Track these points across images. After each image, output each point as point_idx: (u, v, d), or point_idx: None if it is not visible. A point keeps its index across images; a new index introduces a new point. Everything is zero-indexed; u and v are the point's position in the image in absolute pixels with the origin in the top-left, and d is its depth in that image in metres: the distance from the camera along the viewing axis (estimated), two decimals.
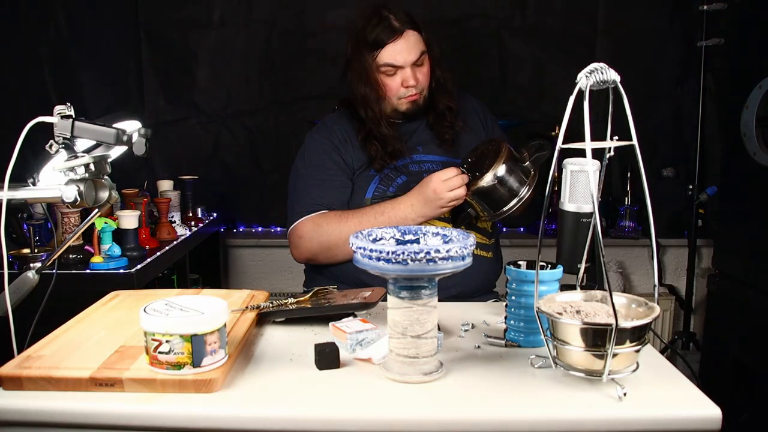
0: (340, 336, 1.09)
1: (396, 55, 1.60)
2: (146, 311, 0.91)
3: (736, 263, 2.14)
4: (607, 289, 0.85)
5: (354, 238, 0.93)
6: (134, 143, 1.05)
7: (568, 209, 1.04)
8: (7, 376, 0.90)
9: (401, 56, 1.61)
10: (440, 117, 1.71)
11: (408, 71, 1.62)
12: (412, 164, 1.68)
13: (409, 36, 1.61)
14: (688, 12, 2.56)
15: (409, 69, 1.62)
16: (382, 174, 1.65)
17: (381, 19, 1.61)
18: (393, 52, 1.60)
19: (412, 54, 1.61)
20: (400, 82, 1.63)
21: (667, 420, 0.85)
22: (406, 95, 1.65)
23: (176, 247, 2.08)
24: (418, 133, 1.73)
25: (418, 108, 1.69)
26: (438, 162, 1.70)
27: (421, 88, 1.66)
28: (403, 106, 1.68)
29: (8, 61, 2.11)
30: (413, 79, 1.62)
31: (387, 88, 1.65)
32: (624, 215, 2.74)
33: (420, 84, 1.65)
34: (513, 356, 1.05)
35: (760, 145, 1.98)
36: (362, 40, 1.63)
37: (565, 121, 0.88)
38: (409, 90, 1.64)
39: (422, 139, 1.73)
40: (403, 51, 1.60)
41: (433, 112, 1.72)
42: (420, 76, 1.64)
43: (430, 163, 1.69)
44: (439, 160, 1.70)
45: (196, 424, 0.87)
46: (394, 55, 1.60)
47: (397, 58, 1.61)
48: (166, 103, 2.75)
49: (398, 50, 1.60)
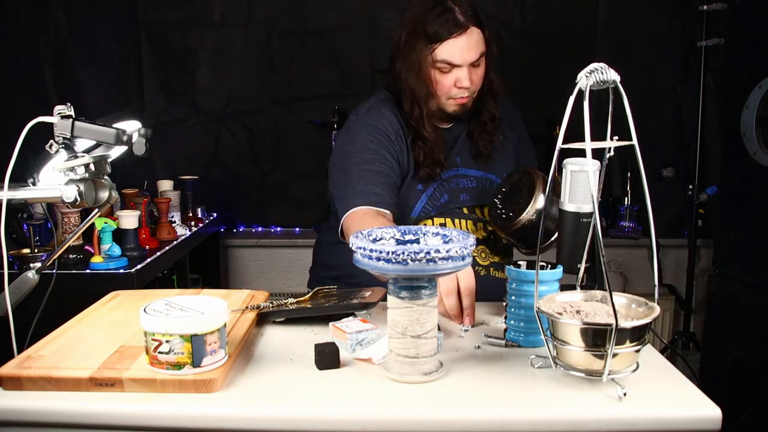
0: (340, 336, 1.09)
1: (456, 53, 1.46)
2: (146, 311, 0.91)
3: (736, 263, 2.14)
4: (607, 289, 0.85)
5: (354, 238, 0.93)
6: (134, 143, 1.05)
7: (568, 209, 1.04)
8: (7, 376, 0.90)
9: (461, 54, 1.46)
10: (482, 126, 1.59)
11: (464, 71, 1.47)
12: (451, 181, 1.58)
13: (473, 33, 1.46)
14: (688, 12, 2.56)
15: (465, 69, 1.47)
16: (428, 190, 1.55)
17: (445, 11, 1.45)
18: (453, 48, 1.45)
19: (472, 53, 1.47)
20: (453, 82, 1.49)
21: (667, 420, 0.85)
22: (457, 96, 1.51)
23: (176, 247, 2.08)
24: (459, 140, 1.61)
25: (466, 111, 1.56)
26: (473, 178, 1.60)
27: (473, 90, 1.52)
28: (451, 107, 1.53)
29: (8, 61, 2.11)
30: (468, 80, 1.48)
31: (439, 86, 1.50)
32: (624, 215, 2.74)
33: (474, 86, 1.51)
34: (513, 356, 1.05)
35: (760, 145, 1.98)
36: (421, 29, 1.47)
37: (565, 121, 0.88)
38: (462, 91, 1.50)
39: (461, 148, 1.61)
40: (464, 49, 1.46)
41: (474, 120, 1.60)
42: (475, 78, 1.50)
43: (467, 179, 1.59)
44: (474, 176, 1.60)
45: (196, 424, 0.87)
46: (454, 52, 1.46)
47: (456, 55, 1.46)
48: (166, 103, 2.75)
49: (459, 47, 1.45)
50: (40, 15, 2.26)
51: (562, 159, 1.01)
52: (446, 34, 1.45)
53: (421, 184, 1.54)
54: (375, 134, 1.53)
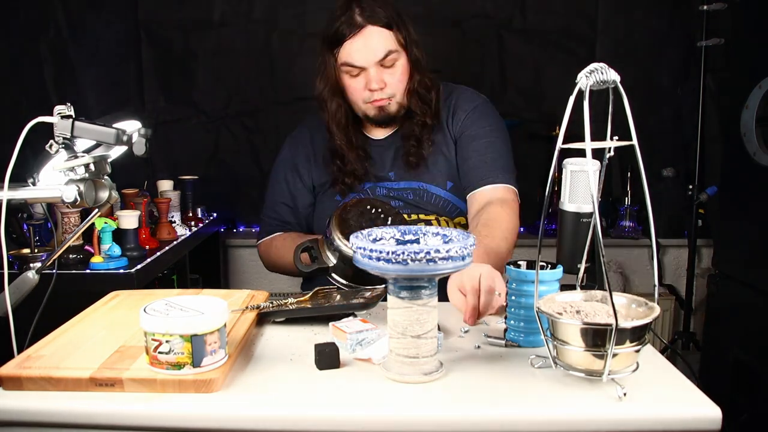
0: (340, 336, 1.09)
1: (354, 53, 1.43)
2: (146, 311, 0.91)
3: (736, 263, 2.14)
4: (607, 289, 0.85)
5: (354, 238, 0.93)
6: (134, 143, 1.05)
7: (568, 209, 1.04)
8: (7, 376, 0.90)
9: (360, 55, 1.42)
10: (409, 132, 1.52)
11: (372, 72, 1.44)
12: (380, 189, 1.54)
13: (373, 32, 1.42)
14: (688, 12, 2.56)
15: (373, 69, 1.44)
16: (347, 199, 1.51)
17: (343, 12, 1.43)
18: (351, 48, 1.43)
19: (374, 52, 1.42)
20: (364, 84, 1.46)
21: (667, 420, 0.85)
22: (371, 99, 1.47)
23: (176, 247, 2.08)
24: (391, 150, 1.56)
25: (389, 115, 1.51)
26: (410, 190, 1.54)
27: (390, 93, 1.47)
28: (371, 112, 1.50)
29: (8, 61, 2.11)
30: (377, 81, 1.44)
31: (350, 90, 1.48)
32: (624, 215, 2.73)
33: (388, 88, 1.46)
34: (513, 356, 1.05)
35: (760, 145, 1.98)
36: (326, 37, 1.48)
37: (565, 121, 0.88)
38: (374, 94, 1.46)
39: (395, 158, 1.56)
40: (362, 48, 1.42)
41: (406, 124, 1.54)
42: (388, 79, 1.45)
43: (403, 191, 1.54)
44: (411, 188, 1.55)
45: (196, 424, 0.87)
46: (352, 52, 1.43)
47: (356, 56, 1.43)
48: (166, 103, 2.75)
49: (357, 47, 1.42)
50: (40, 15, 2.27)
51: (562, 159, 1.01)
52: (344, 35, 1.43)
53: (339, 194, 1.55)
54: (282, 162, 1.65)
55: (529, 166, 1.90)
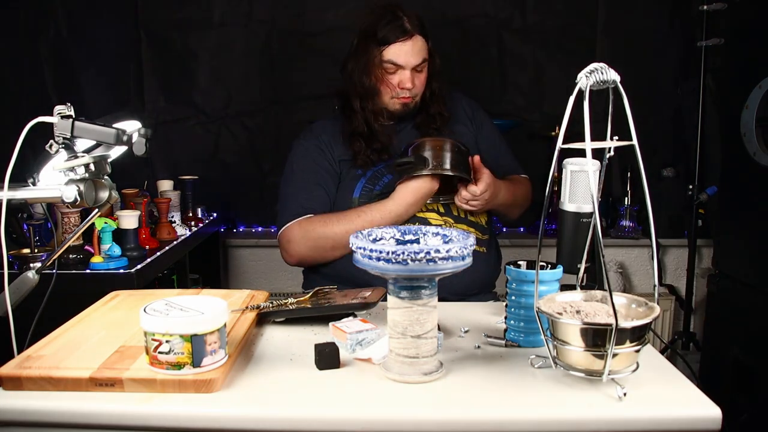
0: (340, 336, 1.09)
1: (401, 55, 1.66)
2: (146, 311, 0.91)
3: (736, 263, 2.14)
4: (607, 289, 0.85)
5: (354, 238, 0.93)
6: (134, 143, 1.05)
7: (568, 209, 1.04)
8: (7, 376, 0.90)
9: (405, 57, 1.66)
10: (430, 119, 1.76)
11: (407, 73, 1.67)
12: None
13: (417, 40, 1.67)
14: (688, 12, 2.56)
15: (409, 71, 1.67)
16: (368, 173, 1.69)
17: (395, 18, 1.66)
18: (399, 51, 1.66)
19: (415, 57, 1.67)
20: (397, 82, 1.68)
21: (667, 420, 0.85)
22: (400, 96, 1.70)
23: (176, 247, 2.08)
24: (405, 133, 1.77)
25: (407, 111, 1.75)
26: None
27: (415, 93, 1.72)
28: (394, 106, 1.72)
29: (8, 61, 2.11)
30: (410, 82, 1.68)
31: (384, 84, 1.69)
32: (624, 215, 2.73)
33: (415, 89, 1.70)
34: (513, 356, 1.05)
35: (760, 145, 1.97)
36: (372, 34, 1.68)
37: (565, 121, 0.88)
38: (404, 92, 1.69)
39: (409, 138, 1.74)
40: (408, 53, 1.66)
41: (423, 115, 1.77)
42: (417, 82, 1.70)
43: None
44: None
45: (196, 424, 0.87)
46: (400, 54, 1.66)
47: (401, 58, 1.66)
48: (166, 103, 2.75)
49: (404, 51, 1.66)
50: (40, 15, 2.27)
51: (562, 159, 1.01)
52: (393, 38, 1.65)
53: (360, 169, 1.70)
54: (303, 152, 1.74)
55: (529, 166, 1.89)
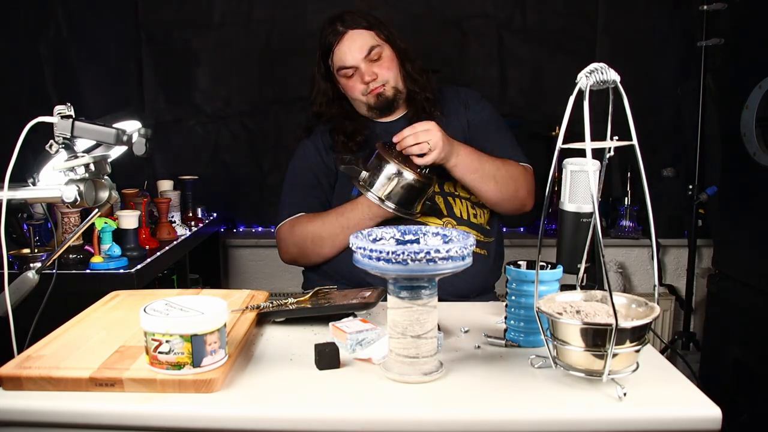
0: (340, 336, 1.09)
1: (343, 56, 1.65)
2: (146, 311, 0.91)
3: (736, 263, 2.14)
4: (607, 289, 0.85)
5: (354, 238, 0.93)
6: (134, 143, 1.05)
7: (568, 209, 1.04)
8: (7, 376, 0.90)
9: (348, 55, 1.64)
10: (419, 109, 1.72)
11: (363, 67, 1.64)
12: None
13: (354, 34, 1.64)
14: (688, 12, 2.56)
15: (363, 65, 1.64)
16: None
17: (328, 26, 1.67)
18: (340, 53, 1.65)
19: (359, 51, 1.63)
20: (360, 80, 1.65)
21: (667, 420, 0.85)
22: (368, 91, 1.66)
23: (176, 247, 2.08)
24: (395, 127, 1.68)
25: (389, 100, 1.69)
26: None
27: (383, 80, 1.66)
28: (371, 101, 1.68)
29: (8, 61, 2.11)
30: (368, 74, 1.64)
31: (350, 89, 1.68)
32: (624, 215, 2.73)
33: (381, 77, 1.65)
34: (513, 356, 1.05)
35: (760, 145, 1.97)
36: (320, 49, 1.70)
37: (565, 121, 0.88)
38: (369, 85, 1.65)
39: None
40: (348, 50, 1.64)
41: (411, 107, 1.74)
42: (378, 70, 1.65)
43: None
44: None
45: (196, 424, 0.87)
46: (341, 56, 1.65)
47: (345, 58, 1.64)
48: (166, 103, 2.75)
49: (343, 51, 1.64)
50: (40, 15, 2.26)
51: (562, 159, 1.01)
52: (331, 44, 1.66)
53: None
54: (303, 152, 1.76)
55: None
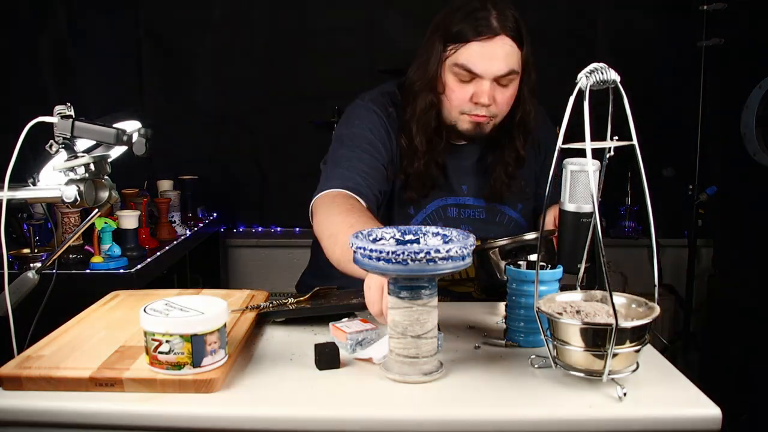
0: (340, 336, 1.09)
1: (478, 60, 1.25)
2: (146, 311, 0.91)
3: (736, 263, 2.14)
4: (607, 289, 0.85)
5: (354, 238, 0.93)
6: (134, 143, 1.05)
7: (568, 209, 1.04)
8: (7, 376, 0.90)
9: (485, 62, 1.25)
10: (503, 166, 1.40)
11: (486, 84, 1.27)
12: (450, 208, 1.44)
13: (506, 43, 1.26)
14: (688, 12, 2.56)
15: (488, 82, 1.27)
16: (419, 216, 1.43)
17: (477, 10, 1.26)
18: (476, 53, 1.25)
19: (499, 65, 1.26)
20: (470, 95, 1.29)
21: (667, 420, 0.85)
22: (472, 112, 1.30)
23: (176, 247, 2.08)
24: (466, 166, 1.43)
25: (481, 134, 1.35)
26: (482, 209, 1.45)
27: (494, 113, 1.31)
28: (463, 124, 1.33)
29: (8, 61, 2.11)
30: (488, 97, 1.27)
31: (453, 95, 1.30)
32: (624, 215, 2.73)
33: (495, 107, 1.30)
34: (513, 356, 1.05)
35: (760, 145, 1.98)
36: (445, 27, 1.29)
37: (565, 121, 0.88)
38: (479, 108, 1.29)
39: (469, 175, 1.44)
40: (490, 57, 1.25)
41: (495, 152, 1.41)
42: (500, 98, 1.30)
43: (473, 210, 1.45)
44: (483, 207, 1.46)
45: (196, 424, 0.87)
46: (476, 58, 1.25)
47: (479, 63, 1.25)
48: (166, 103, 2.75)
49: (485, 54, 1.25)
50: (40, 15, 2.27)
51: (562, 159, 1.01)
52: (471, 35, 1.25)
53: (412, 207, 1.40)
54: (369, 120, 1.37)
55: None
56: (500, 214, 1.47)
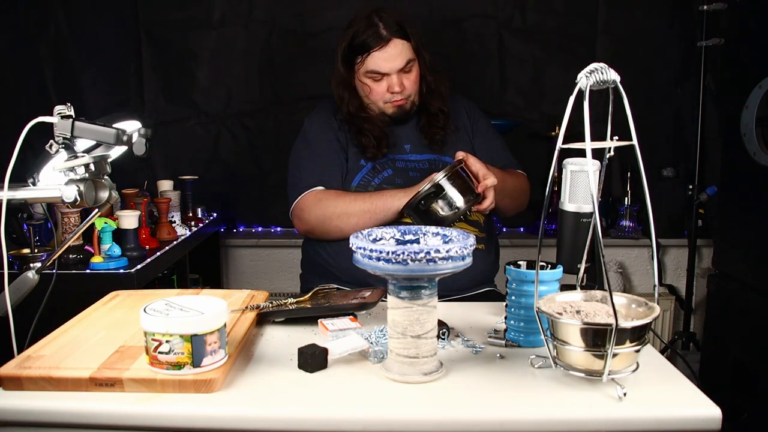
0: (323, 332, 1.11)
1: (381, 63, 1.63)
2: (146, 311, 0.91)
3: (736, 263, 2.14)
4: (607, 289, 0.85)
5: (354, 238, 0.93)
6: (134, 143, 1.05)
7: (568, 209, 1.04)
8: (7, 376, 0.90)
9: (386, 64, 1.63)
10: (432, 119, 1.74)
11: (394, 78, 1.65)
12: (399, 161, 1.72)
13: (397, 44, 1.63)
14: (688, 12, 2.56)
15: (395, 76, 1.65)
16: (369, 165, 1.69)
17: (370, 25, 1.63)
18: (378, 59, 1.63)
19: (398, 61, 1.63)
20: (386, 88, 1.66)
21: (667, 420, 0.85)
22: (392, 100, 1.68)
23: (176, 247, 2.08)
24: (407, 133, 1.76)
25: (406, 112, 1.72)
26: (425, 161, 1.73)
27: (407, 94, 1.69)
28: (389, 110, 1.71)
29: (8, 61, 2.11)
30: (399, 86, 1.65)
31: (373, 93, 1.68)
32: (624, 215, 2.73)
33: (406, 90, 1.68)
34: (513, 356, 1.05)
35: (760, 145, 1.98)
36: (351, 43, 1.66)
37: (565, 121, 0.88)
38: (395, 96, 1.67)
39: (411, 138, 1.76)
40: (389, 59, 1.63)
41: (425, 115, 1.75)
42: (407, 83, 1.67)
43: (417, 162, 1.73)
44: (426, 159, 1.74)
45: (196, 424, 0.87)
46: (380, 62, 1.63)
47: (382, 65, 1.64)
48: (166, 103, 2.74)
49: (384, 58, 1.63)
50: (40, 15, 2.27)
51: (562, 159, 1.01)
52: (370, 46, 1.62)
53: (363, 159, 1.70)
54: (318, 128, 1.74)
55: (529, 166, 1.89)
56: (441, 163, 1.73)
